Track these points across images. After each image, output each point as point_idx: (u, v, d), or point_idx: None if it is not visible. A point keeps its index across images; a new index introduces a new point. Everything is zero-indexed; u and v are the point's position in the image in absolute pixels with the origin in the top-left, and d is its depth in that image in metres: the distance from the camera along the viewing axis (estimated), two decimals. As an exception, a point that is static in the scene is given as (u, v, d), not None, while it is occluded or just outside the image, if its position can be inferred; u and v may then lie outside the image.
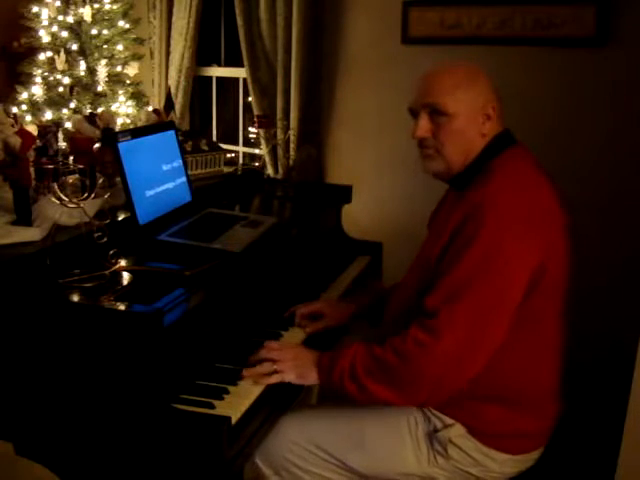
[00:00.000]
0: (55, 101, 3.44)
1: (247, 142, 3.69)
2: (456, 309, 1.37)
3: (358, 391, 1.43)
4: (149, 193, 1.82)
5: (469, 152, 1.54)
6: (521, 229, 1.40)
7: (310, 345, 1.64)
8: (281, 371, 1.48)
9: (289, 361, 1.50)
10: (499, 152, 1.52)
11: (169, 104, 2.52)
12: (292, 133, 3.05)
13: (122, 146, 1.74)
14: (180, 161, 2.01)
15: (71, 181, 1.79)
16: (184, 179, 2.00)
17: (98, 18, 3.50)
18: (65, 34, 3.46)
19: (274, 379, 1.47)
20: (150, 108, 3.43)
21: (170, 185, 1.93)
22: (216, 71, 3.78)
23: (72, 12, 3.46)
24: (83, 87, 3.48)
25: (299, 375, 1.50)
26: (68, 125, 3.19)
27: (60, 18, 3.45)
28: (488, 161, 1.52)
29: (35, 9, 3.48)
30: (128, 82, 3.62)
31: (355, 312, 1.86)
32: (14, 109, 3.36)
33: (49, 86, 3.47)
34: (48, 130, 2.10)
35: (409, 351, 1.38)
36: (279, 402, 1.52)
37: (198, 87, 3.82)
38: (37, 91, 3.46)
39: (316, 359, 1.50)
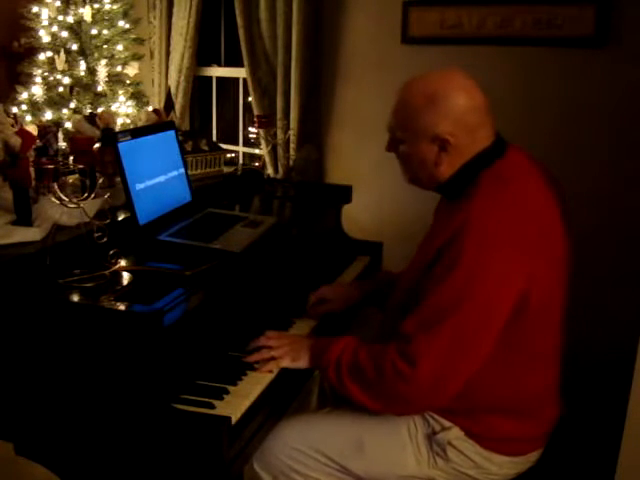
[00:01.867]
0: (55, 101, 3.44)
1: (247, 142, 3.69)
2: (433, 338, 1.34)
3: (337, 384, 1.46)
4: (149, 193, 1.82)
5: (432, 178, 1.50)
6: (505, 253, 1.35)
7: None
8: (278, 357, 1.52)
9: (285, 346, 1.54)
10: (486, 165, 1.46)
11: (169, 104, 2.52)
12: (292, 133, 3.05)
13: (122, 146, 1.74)
14: (180, 161, 2.01)
15: (71, 181, 1.80)
16: (184, 179, 2.00)
17: (98, 18, 3.50)
18: (65, 34, 3.46)
19: (271, 365, 1.51)
20: (150, 108, 3.43)
21: (170, 185, 1.92)
22: (216, 71, 3.78)
23: (72, 12, 3.46)
24: (83, 87, 3.48)
25: (293, 358, 1.53)
26: (68, 125, 3.20)
27: (60, 18, 3.45)
28: (476, 174, 1.46)
29: (35, 9, 3.48)
30: (128, 82, 3.63)
31: (360, 297, 1.87)
32: (14, 109, 3.36)
33: (49, 86, 3.47)
34: (48, 130, 2.10)
35: (386, 372, 1.37)
36: (279, 402, 1.52)
37: (198, 87, 3.82)
38: (37, 91, 3.46)
39: (311, 343, 1.54)
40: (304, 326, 1.77)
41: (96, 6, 3.49)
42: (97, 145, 1.99)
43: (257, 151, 3.51)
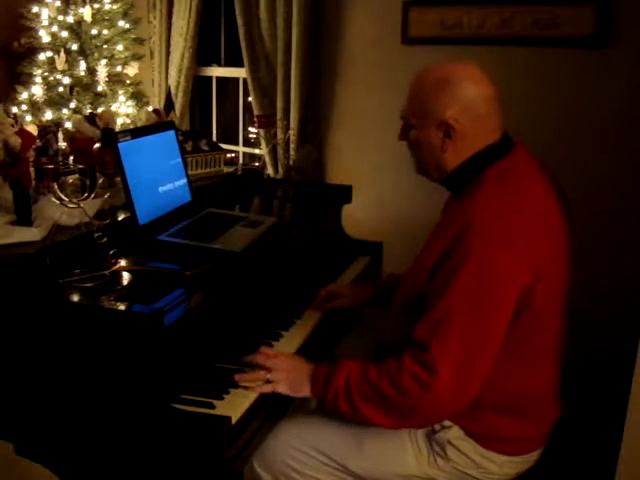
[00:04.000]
0: (55, 101, 3.44)
1: (247, 142, 3.69)
2: (448, 341, 1.33)
3: (351, 412, 1.41)
4: (149, 193, 1.82)
5: (439, 166, 1.51)
6: (510, 249, 1.35)
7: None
8: (274, 381, 1.46)
9: (283, 372, 1.48)
10: (492, 161, 1.47)
11: (169, 104, 2.52)
12: (292, 133, 3.05)
13: (122, 146, 1.74)
14: (180, 161, 2.01)
15: (71, 181, 1.79)
16: (184, 179, 2.00)
17: (98, 18, 3.50)
18: (65, 34, 3.46)
19: (266, 389, 1.45)
20: (150, 108, 3.43)
21: (170, 185, 1.92)
22: (216, 71, 3.78)
23: (72, 12, 3.46)
24: (83, 87, 3.48)
25: (292, 388, 1.47)
26: (68, 125, 3.19)
27: (60, 18, 3.46)
28: (481, 169, 1.47)
29: (35, 9, 3.48)
30: (128, 82, 3.63)
31: (369, 298, 1.88)
32: (14, 109, 3.36)
33: (49, 86, 3.47)
34: (48, 130, 2.10)
35: (408, 387, 1.35)
36: (279, 402, 1.52)
37: (198, 87, 3.82)
38: (37, 91, 3.47)
39: (311, 373, 1.48)
40: (304, 326, 1.77)
41: (96, 6, 3.49)
42: (97, 145, 1.99)
43: (257, 151, 3.51)
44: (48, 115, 3.41)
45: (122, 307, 1.36)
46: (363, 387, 1.39)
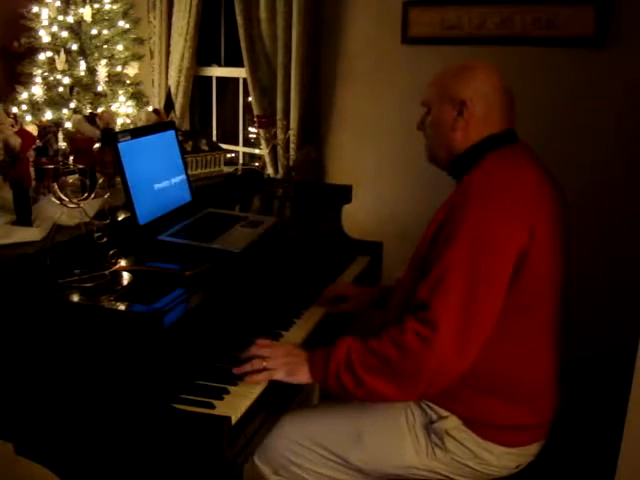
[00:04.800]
0: (55, 101, 3.44)
1: (247, 142, 3.69)
2: (448, 296, 1.37)
3: (355, 384, 1.41)
4: (149, 193, 1.82)
5: (449, 147, 1.58)
6: (506, 209, 1.41)
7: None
8: (271, 368, 1.46)
9: (279, 358, 1.49)
10: (494, 147, 1.53)
11: (169, 104, 2.52)
12: (292, 133, 3.05)
13: (122, 146, 1.74)
14: (180, 161, 2.01)
15: (71, 181, 1.79)
16: (184, 179, 2.00)
17: (98, 18, 3.50)
18: (65, 34, 3.46)
19: (262, 377, 1.45)
20: (150, 108, 3.43)
21: (170, 185, 1.92)
22: (216, 71, 3.78)
23: (72, 12, 3.46)
24: (83, 87, 3.48)
25: (289, 372, 1.47)
26: (68, 125, 3.19)
27: (60, 18, 3.45)
28: (483, 155, 1.53)
29: (35, 9, 3.48)
30: (128, 82, 3.63)
31: (370, 303, 1.90)
32: (14, 109, 3.36)
33: (49, 86, 3.47)
34: (48, 130, 2.10)
35: (410, 345, 1.36)
36: (279, 402, 1.52)
37: (198, 87, 3.82)
38: (37, 91, 3.46)
39: (307, 356, 1.49)
40: (304, 326, 1.77)
41: (96, 6, 3.49)
42: (97, 145, 1.99)
43: (257, 151, 3.51)
44: (48, 115, 3.41)
45: (122, 307, 1.36)
46: (365, 357, 1.41)
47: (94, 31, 3.48)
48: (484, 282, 1.38)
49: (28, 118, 3.37)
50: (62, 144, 2.20)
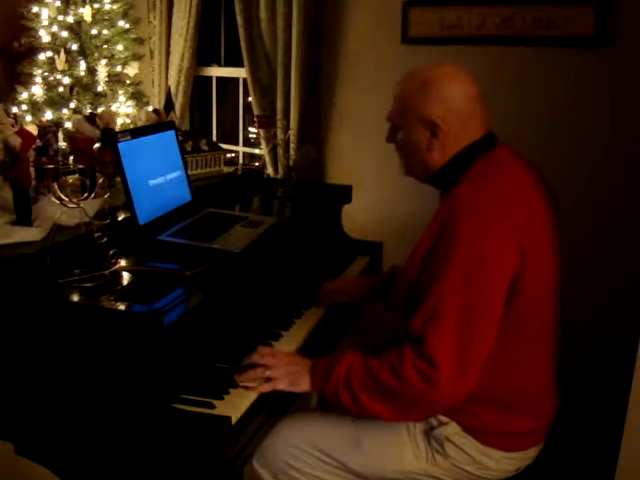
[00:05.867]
0: (55, 101, 3.44)
1: (247, 142, 3.69)
2: (442, 331, 1.34)
3: (352, 403, 1.41)
4: (149, 193, 1.82)
5: (426, 166, 1.54)
6: (497, 232, 1.38)
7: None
8: (274, 378, 1.46)
9: (282, 367, 1.47)
10: (477, 156, 1.49)
11: (169, 104, 2.53)
12: (292, 133, 3.05)
13: (122, 146, 1.74)
14: (180, 161, 2.01)
15: (71, 181, 1.79)
16: (184, 179, 2.00)
17: (98, 18, 3.50)
18: (65, 34, 3.46)
19: (266, 387, 1.45)
20: (150, 108, 3.43)
21: (170, 185, 1.92)
22: (216, 71, 3.78)
23: (72, 12, 3.46)
24: (83, 87, 3.48)
25: (292, 382, 1.47)
26: (68, 125, 3.20)
27: (60, 18, 3.46)
28: (465, 166, 1.49)
29: (35, 9, 3.48)
30: (128, 82, 3.63)
31: (370, 293, 1.89)
32: (14, 109, 3.36)
33: (49, 86, 3.47)
34: (48, 130, 2.10)
35: (410, 378, 1.35)
36: (279, 402, 1.52)
37: (198, 87, 3.82)
38: (37, 91, 3.47)
39: (310, 366, 1.48)
40: (304, 326, 1.77)
41: (96, 6, 3.49)
42: (97, 145, 1.99)
43: (257, 151, 3.51)
44: (48, 115, 3.41)
45: (122, 307, 1.36)
46: (364, 378, 1.40)
47: (94, 31, 3.48)
48: (479, 311, 1.36)
49: (28, 118, 3.37)
50: (62, 144, 2.20)
